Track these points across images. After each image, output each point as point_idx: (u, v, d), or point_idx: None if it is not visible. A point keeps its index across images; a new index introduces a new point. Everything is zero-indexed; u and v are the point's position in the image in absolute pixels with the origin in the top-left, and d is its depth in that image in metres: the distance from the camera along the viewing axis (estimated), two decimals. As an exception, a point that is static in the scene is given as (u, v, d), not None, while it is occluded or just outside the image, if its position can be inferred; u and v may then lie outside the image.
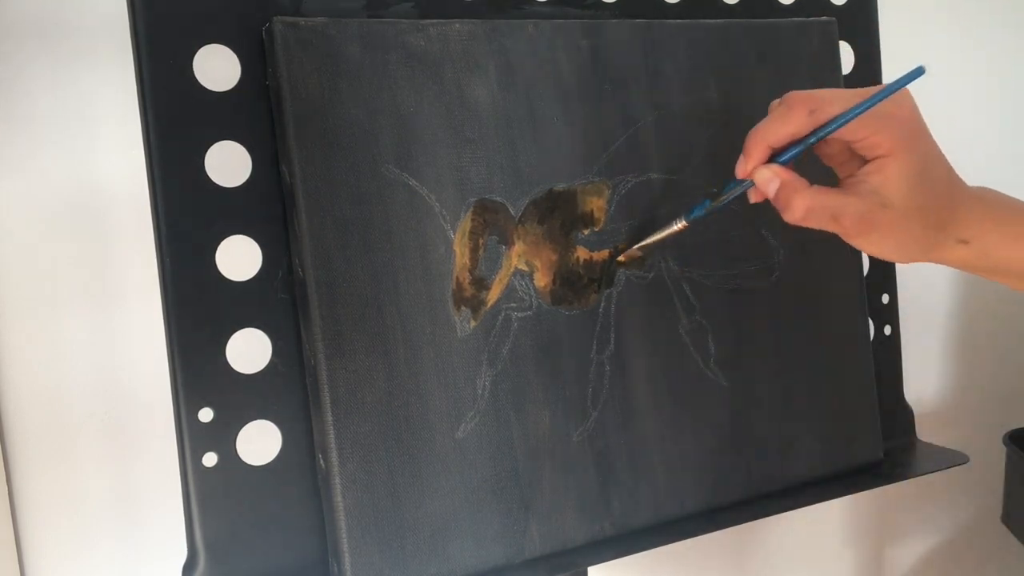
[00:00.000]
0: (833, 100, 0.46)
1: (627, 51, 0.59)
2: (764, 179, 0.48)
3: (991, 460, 1.15)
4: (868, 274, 0.71)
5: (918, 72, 0.45)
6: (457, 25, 0.54)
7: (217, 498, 0.50)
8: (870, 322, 0.71)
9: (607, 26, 0.59)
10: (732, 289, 0.63)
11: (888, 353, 0.73)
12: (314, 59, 0.50)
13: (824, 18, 0.67)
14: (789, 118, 0.47)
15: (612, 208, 0.59)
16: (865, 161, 0.48)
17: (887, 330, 0.73)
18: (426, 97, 0.53)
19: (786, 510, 0.64)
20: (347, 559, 0.50)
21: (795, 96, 0.47)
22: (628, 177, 0.59)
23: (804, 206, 0.47)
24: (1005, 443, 1.12)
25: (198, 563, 0.50)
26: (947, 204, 0.48)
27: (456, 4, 0.57)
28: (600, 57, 0.58)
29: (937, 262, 0.50)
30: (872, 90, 0.46)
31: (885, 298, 0.73)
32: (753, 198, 0.50)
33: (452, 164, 0.54)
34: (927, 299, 1.22)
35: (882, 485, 0.68)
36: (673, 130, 0.61)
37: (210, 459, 0.50)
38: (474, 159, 0.54)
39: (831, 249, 0.66)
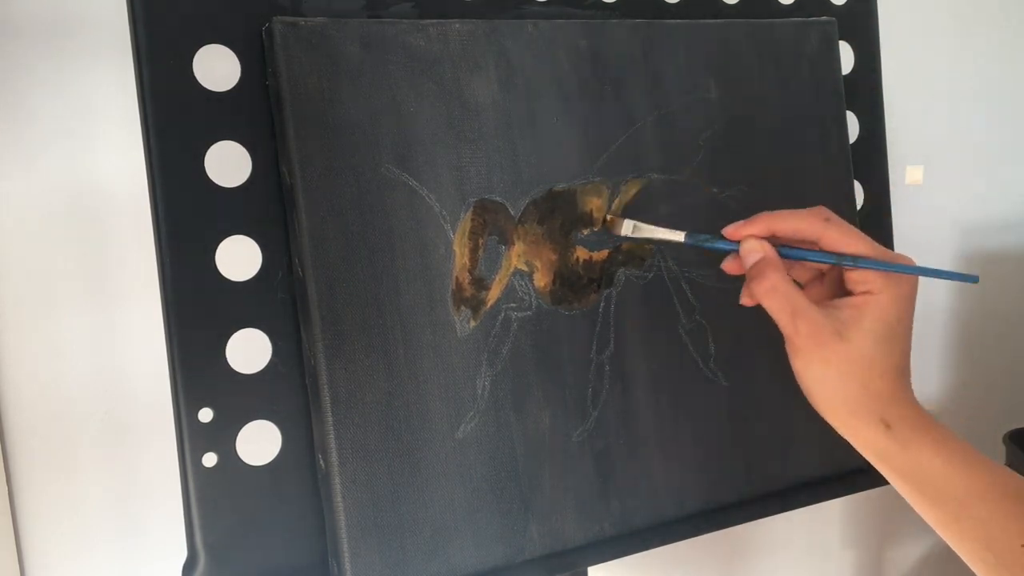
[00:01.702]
0: (852, 233, 0.46)
1: (627, 51, 0.59)
2: (748, 248, 0.48)
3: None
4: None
5: (971, 279, 0.46)
6: (457, 25, 0.54)
7: (217, 498, 0.50)
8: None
9: (607, 26, 0.59)
10: (732, 289, 0.63)
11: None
12: (314, 59, 0.50)
13: (824, 18, 0.67)
14: (804, 215, 0.47)
15: (611, 208, 0.59)
16: (841, 294, 0.47)
17: (887, 330, 0.73)
18: (426, 97, 0.53)
19: (786, 510, 0.64)
20: (347, 559, 0.50)
21: (823, 207, 0.47)
22: (628, 177, 0.59)
23: (772, 284, 0.46)
24: (1005, 443, 1.12)
25: (198, 563, 0.50)
26: (892, 384, 0.46)
27: (456, 4, 0.57)
28: (600, 57, 0.58)
29: (852, 435, 0.48)
30: (890, 254, 0.46)
31: (885, 298, 0.73)
32: (728, 267, 0.50)
33: (452, 164, 0.54)
34: (927, 299, 1.21)
35: (882, 485, 0.67)
36: (673, 130, 0.61)
37: (210, 459, 0.50)
38: (474, 159, 0.54)
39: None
